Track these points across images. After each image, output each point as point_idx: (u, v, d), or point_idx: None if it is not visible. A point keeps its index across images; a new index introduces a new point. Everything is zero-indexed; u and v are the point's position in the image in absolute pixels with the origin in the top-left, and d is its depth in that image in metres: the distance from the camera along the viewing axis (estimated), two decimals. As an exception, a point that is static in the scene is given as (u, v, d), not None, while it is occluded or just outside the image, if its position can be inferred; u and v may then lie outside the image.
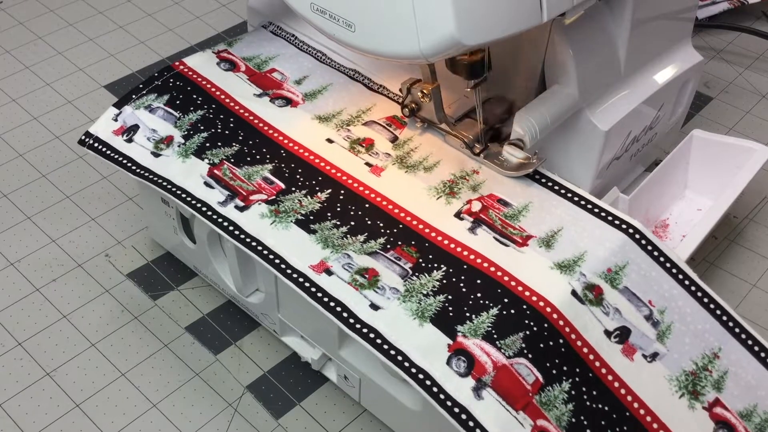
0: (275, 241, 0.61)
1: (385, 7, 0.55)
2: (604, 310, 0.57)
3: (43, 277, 0.76)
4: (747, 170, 0.74)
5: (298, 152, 0.67)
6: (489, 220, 0.62)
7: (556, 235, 0.61)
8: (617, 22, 0.66)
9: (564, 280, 0.58)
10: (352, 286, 0.57)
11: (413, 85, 0.68)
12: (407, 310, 0.56)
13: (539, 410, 0.52)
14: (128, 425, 0.66)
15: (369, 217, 0.62)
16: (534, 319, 0.55)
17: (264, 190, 0.64)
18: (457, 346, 0.54)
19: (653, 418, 0.54)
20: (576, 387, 0.54)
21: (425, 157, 0.67)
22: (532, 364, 0.54)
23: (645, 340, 0.57)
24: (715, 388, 0.57)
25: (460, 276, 0.58)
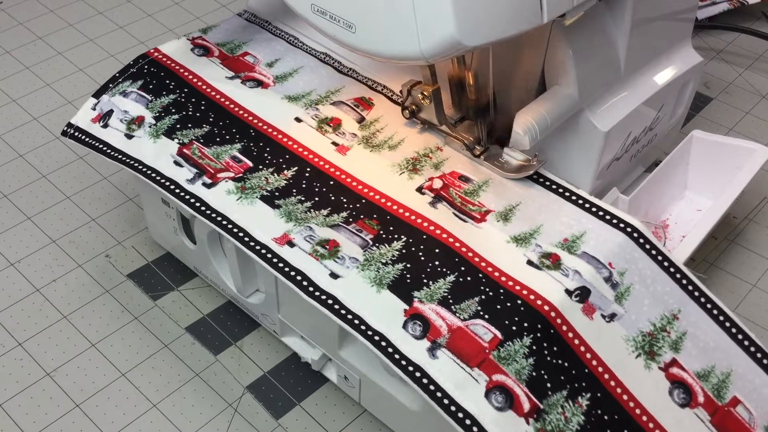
0: (240, 216, 0.62)
1: (386, 8, 0.55)
2: (564, 272, 0.59)
3: (43, 277, 0.76)
4: (747, 171, 0.74)
5: (267, 131, 0.69)
6: (449, 198, 0.64)
7: (514, 209, 0.63)
8: (617, 23, 0.66)
9: (520, 252, 0.60)
10: (312, 256, 0.59)
11: (413, 87, 0.68)
12: (365, 278, 0.58)
13: (496, 365, 0.53)
14: (128, 425, 0.66)
15: (333, 193, 0.64)
16: (489, 285, 0.57)
17: (232, 168, 0.66)
18: (413, 311, 0.56)
19: (611, 376, 0.56)
20: (537, 342, 0.55)
21: (390, 137, 0.69)
22: (489, 323, 0.55)
23: (604, 300, 0.58)
24: (673, 349, 0.58)
25: (419, 246, 0.60)
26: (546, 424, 0.52)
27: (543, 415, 0.53)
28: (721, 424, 0.56)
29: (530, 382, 0.53)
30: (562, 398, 0.54)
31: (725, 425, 0.56)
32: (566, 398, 0.54)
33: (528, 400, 0.53)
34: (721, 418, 0.56)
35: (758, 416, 0.58)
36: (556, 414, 0.53)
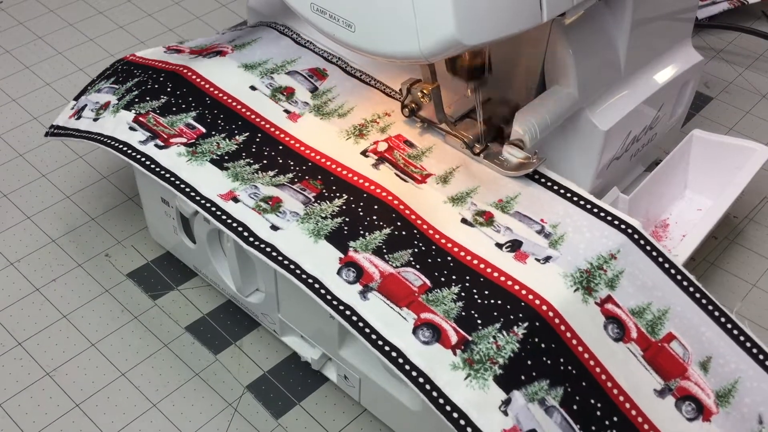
0: (189, 174, 0.65)
1: (385, 7, 0.55)
2: (495, 228, 0.61)
3: (43, 277, 0.76)
4: (747, 170, 0.74)
5: (222, 99, 0.71)
6: (393, 159, 0.67)
7: (454, 171, 0.66)
8: (617, 22, 0.66)
9: (455, 211, 0.63)
10: (255, 210, 0.62)
11: (413, 86, 0.68)
12: (304, 230, 0.61)
13: (424, 306, 0.56)
14: (128, 425, 0.66)
15: (281, 157, 0.67)
16: (423, 241, 0.60)
17: (185, 135, 0.69)
18: (347, 259, 0.59)
19: (549, 307, 0.57)
20: (465, 290, 0.57)
21: (341, 105, 0.71)
22: (420, 272, 0.58)
23: (537, 248, 0.60)
24: (609, 286, 0.59)
25: (359, 203, 0.63)
26: (474, 354, 0.54)
27: (471, 345, 0.55)
28: (653, 359, 0.57)
29: (459, 319, 0.56)
30: (495, 330, 0.55)
31: (658, 361, 0.57)
32: (499, 330, 0.55)
33: (456, 334, 0.55)
34: (654, 354, 0.58)
35: (693, 352, 0.58)
36: (486, 344, 0.55)
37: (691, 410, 0.57)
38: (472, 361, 0.54)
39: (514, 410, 0.53)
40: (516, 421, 0.53)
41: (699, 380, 0.58)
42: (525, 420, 0.53)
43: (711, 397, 0.57)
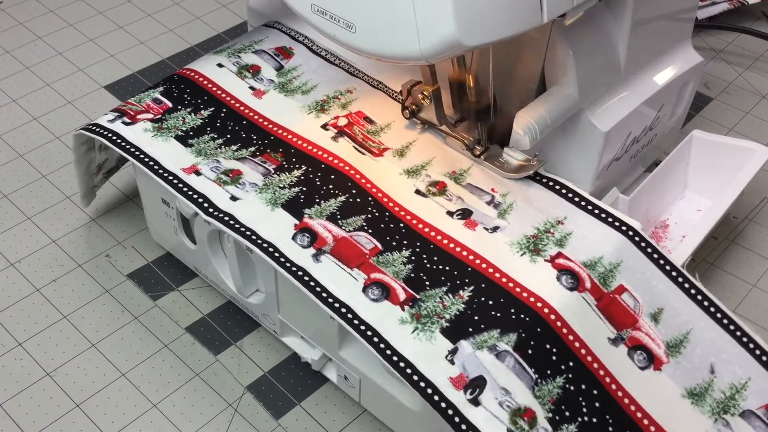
0: (153, 149, 0.68)
1: (386, 8, 0.55)
2: (447, 198, 0.64)
3: (43, 277, 0.76)
4: (747, 171, 0.74)
5: (188, 75, 0.74)
6: (352, 134, 0.69)
7: (410, 146, 0.69)
8: (617, 23, 0.66)
9: (410, 182, 0.65)
10: (216, 183, 0.65)
11: (414, 87, 0.68)
12: (262, 199, 0.64)
13: (375, 266, 0.59)
14: (128, 425, 0.66)
15: (244, 131, 0.70)
16: (377, 208, 0.63)
17: (152, 110, 0.71)
18: (302, 225, 0.62)
19: (495, 270, 0.59)
20: (416, 254, 0.60)
21: (305, 83, 0.74)
22: (372, 236, 0.61)
23: (486, 218, 0.63)
24: (558, 245, 0.61)
25: (316, 173, 0.66)
26: (421, 310, 0.57)
27: (419, 302, 0.57)
28: (606, 309, 0.59)
29: (408, 280, 0.58)
30: (442, 292, 0.58)
31: (610, 310, 0.59)
32: (446, 292, 0.58)
33: (404, 292, 0.58)
34: (607, 304, 0.59)
35: (644, 303, 0.60)
36: (433, 302, 0.57)
37: (643, 359, 0.58)
38: (420, 316, 0.57)
39: (461, 359, 0.55)
40: (462, 368, 0.54)
41: (650, 331, 0.59)
42: (472, 367, 0.54)
43: (661, 348, 0.59)
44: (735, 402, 0.58)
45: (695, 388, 0.58)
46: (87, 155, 0.74)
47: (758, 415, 0.58)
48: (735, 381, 0.59)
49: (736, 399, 0.58)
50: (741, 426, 0.58)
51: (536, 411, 0.54)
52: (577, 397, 0.55)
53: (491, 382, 0.54)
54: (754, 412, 0.59)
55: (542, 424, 0.53)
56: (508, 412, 0.53)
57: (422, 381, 0.54)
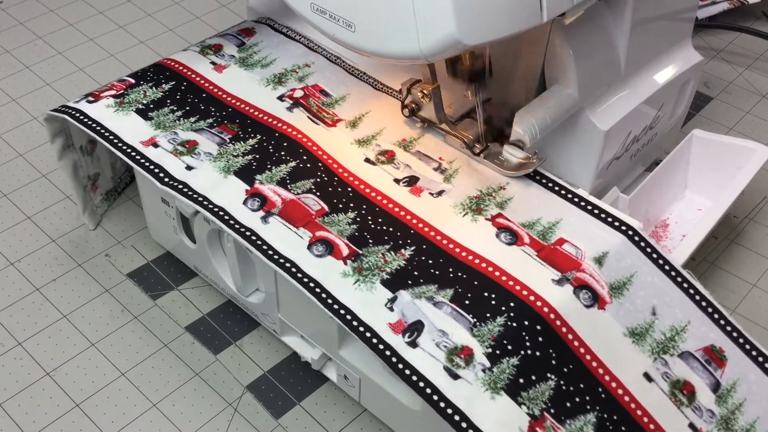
0: (114, 123, 0.70)
1: (385, 7, 0.55)
2: (395, 166, 0.67)
3: (43, 277, 0.76)
4: (747, 170, 0.74)
5: (161, 62, 0.77)
6: (307, 105, 0.72)
7: (363, 117, 0.71)
8: (617, 22, 0.66)
9: (360, 151, 0.68)
10: (173, 154, 0.67)
11: (413, 86, 0.68)
12: (215, 168, 0.66)
13: (320, 226, 0.62)
14: (128, 425, 0.66)
15: (203, 104, 0.72)
16: (326, 173, 0.66)
17: (115, 87, 0.73)
18: (253, 190, 0.64)
19: (436, 232, 0.62)
20: (361, 216, 0.63)
21: (264, 57, 0.77)
22: (319, 198, 0.64)
23: (432, 183, 0.66)
24: (499, 207, 0.64)
25: (270, 141, 0.68)
26: (363, 264, 0.59)
27: (361, 257, 0.60)
28: (548, 258, 0.61)
29: (351, 238, 0.61)
30: (384, 249, 0.60)
31: (552, 258, 0.61)
32: (388, 250, 0.60)
33: (347, 248, 0.60)
34: (548, 254, 0.61)
35: (585, 249, 0.61)
36: (375, 257, 0.60)
37: (588, 298, 0.59)
38: (361, 269, 0.59)
39: (400, 306, 0.57)
40: (401, 315, 0.57)
41: (593, 273, 0.60)
42: (410, 313, 0.57)
43: (605, 288, 0.60)
44: (674, 343, 0.60)
45: (636, 328, 0.59)
46: (68, 155, 0.75)
47: (696, 356, 0.60)
48: (675, 323, 0.61)
49: (675, 341, 0.60)
50: (679, 366, 0.59)
51: (474, 348, 0.55)
52: (519, 332, 0.56)
53: (429, 325, 0.56)
54: (693, 354, 0.60)
55: (480, 359, 0.55)
56: (445, 352, 0.55)
57: (361, 326, 0.56)
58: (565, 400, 0.55)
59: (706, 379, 0.59)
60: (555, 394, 0.55)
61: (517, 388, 0.54)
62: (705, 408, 0.58)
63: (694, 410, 0.58)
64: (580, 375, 0.56)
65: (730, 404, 0.59)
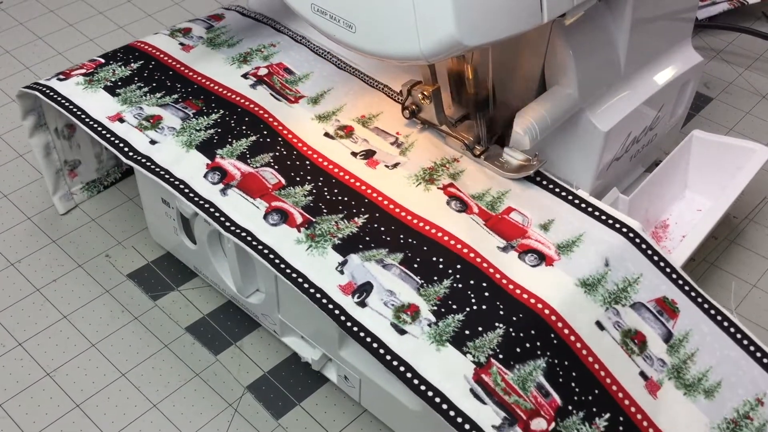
0: (83, 100, 0.72)
1: (386, 8, 0.55)
2: (353, 140, 0.69)
3: (43, 277, 0.76)
4: (747, 171, 0.74)
5: (131, 43, 0.79)
6: (271, 83, 0.74)
7: (325, 94, 0.73)
8: (617, 23, 0.66)
9: (320, 126, 0.70)
10: (137, 128, 0.69)
11: (414, 87, 0.68)
12: (178, 142, 0.68)
13: (276, 197, 0.64)
14: (128, 425, 0.66)
15: (169, 80, 0.74)
16: (286, 147, 0.68)
17: (85, 67, 0.75)
18: (214, 164, 0.66)
19: (389, 201, 0.64)
20: (317, 188, 0.65)
21: (231, 37, 0.79)
22: (277, 172, 0.66)
23: (388, 156, 0.68)
24: (451, 178, 0.66)
25: (233, 116, 0.70)
26: (316, 230, 0.62)
27: (314, 225, 0.62)
28: (495, 227, 0.63)
29: (306, 207, 0.63)
30: (338, 218, 0.63)
31: (499, 227, 0.63)
32: (342, 218, 0.63)
33: (301, 216, 0.63)
34: (495, 223, 0.63)
35: (533, 217, 0.64)
36: (328, 224, 0.62)
37: (534, 259, 0.61)
38: (314, 236, 0.61)
39: (350, 268, 0.59)
40: (351, 277, 0.59)
41: (539, 237, 0.62)
42: (359, 275, 0.59)
43: (552, 249, 0.62)
44: (627, 294, 0.60)
45: (588, 279, 0.60)
46: (40, 135, 0.76)
47: (648, 307, 0.61)
48: (628, 275, 0.61)
49: (628, 291, 0.61)
50: (631, 316, 0.60)
51: (420, 306, 0.57)
52: (465, 291, 0.58)
53: (377, 286, 0.58)
54: (645, 305, 0.61)
55: (425, 315, 0.57)
56: (392, 310, 0.57)
57: (312, 288, 0.59)
58: (514, 346, 0.56)
59: (658, 330, 0.60)
60: (503, 341, 0.56)
61: (462, 339, 0.56)
62: (656, 357, 0.59)
63: (645, 359, 0.58)
64: (531, 321, 0.57)
65: (682, 354, 0.60)
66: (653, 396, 0.57)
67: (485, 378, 0.54)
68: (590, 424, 0.55)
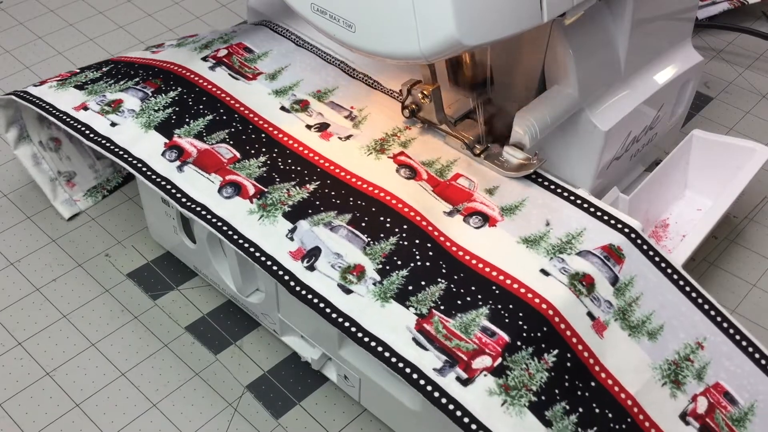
0: (52, 98, 0.74)
1: (386, 8, 0.55)
2: (309, 114, 0.72)
3: (43, 277, 0.76)
4: (747, 170, 0.74)
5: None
6: (230, 63, 0.76)
7: (282, 70, 0.76)
8: (617, 23, 0.66)
9: (277, 101, 0.73)
10: (100, 114, 0.71)
11: (413, 86, 0.68)
12: (138, 124, 0.70)
13: (230, 171, 0.66)
14: (128, 425, 0.66)
15: (133, 70, 0.76)
16: (242, 123, 0.70)
17: (61, 75, 0.78)
18: (171, 143, 0.69)
19: (341, 169, 0.67)
20: (271, 159, 0.67)
21: (199, 40, 0.81)
22: (233, 147, 0.68)
23: (342, 129, 0.70)
24: (402, 146, 0.69)
25: (191, 95, 0.72)
26: (267, 200, 0.64)
27: (266, 194, 0.64)
28: (442, 192, 0.65)
29: (259, 178, 0.66)
30: (290, 185, 0.65)
31: (446, 193, 0.65)
32: (293, 185, 0.65)
33: (254, 188, 0.65)
34: (443, 189, 0.66)
35: (479, 182, 0.66)
36: (279, 193, 0.64)
37: (478, 221, 0.63)
38: (266, 205, 0.64)
39: (299, 235, 0.62)
40: (301, 243, 0.61)
41: (484, 200, 0.65)
42: (309, 240, 0.61)
43: (495, 210, 0.64)
44: (571, 245, 0.62)
45: (530, 236, 0.62)
46: (25, 146, 0.78)
47: (595, 253, 0.61)
48: (571, 230, 0.63)
49: (572, 243, 0.62)
50: (577, 261, 0.61)
51: (366, 266, 0.60)
52: (410, 249, 0.61)
53: (325, 250, 0.61)
54: (591, 251, 0.61)
55: (371, 275, 0.59)
56: (339, 271, 0.60)
57: (263, 256, 0.61)
58: (455, 298, 0.58)
59: (605, 273, 0.61)
60: (445, 295, 0.58)
61: (406, 295, 0.58)
62: (603, 299, 0.60)
63: (592, 300, 0.59)
64: (472, 279, 0.59)
65: (628, 297, 0.61)
66: (600, 336, 0.58)
67: (427, 327, 0.56)
68: (539, 359, 0.56)
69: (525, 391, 0.54)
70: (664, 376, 0.59)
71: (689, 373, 0.59)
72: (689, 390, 0.59)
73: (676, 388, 0.59)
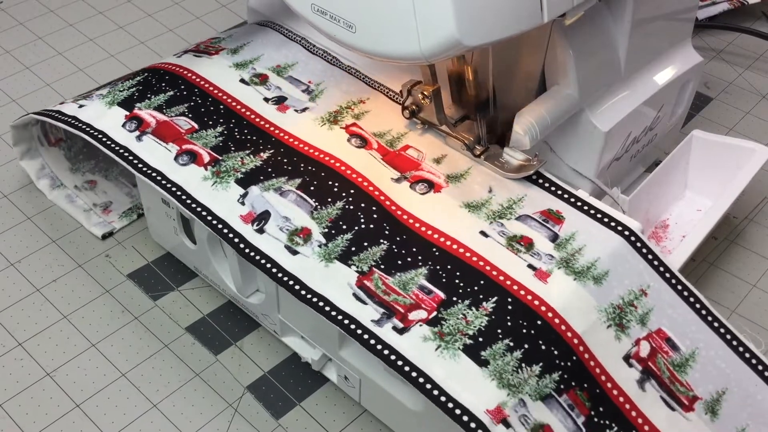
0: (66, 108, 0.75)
1: (386, 8, 0.55)
2: (267, 87, 0.74)
3: (43, 277, 0.76)
4: (747, 171, 0.74)
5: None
6: (196, 48, 0.79)
7: (244, 46, 0.78)
8: (617, 23, 0.66)
9: (237, 74, 0.75)
10: (72, 102, 0.74)
11: (414, 87, 0.68)
12: (102, 102, 0.73)
13: (187, 140, 0.69)
14: (128, 425, 0.66)
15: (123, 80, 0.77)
16: (202, 96, 0.73)
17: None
18: (132, 115, 0.72)
19: (294, 139, 0.69)
20: (228, 129, 0.70)
21: None
22: (191, 119, 0.71)
23: (298, 102, 0.73)
24: (355, 118, 0.72)
25: (155, 76, 0.75)
26: (221, 168, 0.67)
27: (220, 162, 0.67)
28: (392, 162, 0.68)
29: (215, 147, 0.68)
30: (244, 154, 0.68)
31: (395, 162, 0.68)
32: (247, 154, 0.68)
33: (209, 156, 0.68)
34: (392, 158, 0.69)
35: (427, 153, 0.69)
36: (233, 161, 0.67)
37: (424, 188, 0.66)
38: (219, 172, 0.67)
39: (250, 199, 0.65)
40: (251, 207, 0.64)
41: (431, 169, 0.68)
42: (259, 205, 0.64)
43: (441, 178, 0.67)
44: (512, 210, 0.65)
45: (472, 202, 0.65)
46: (58, 192, 0.81)
47: (533, 217, 0.64)
48: (512, 197, 0.66)
49: (513, 208, 0.65)
50: (516, 226, 0.63)
51: (312, 229, 0.63)
52: (356, 213, 0.64)
53: (274, 213, 0.64)
54: (530, 216, 0.64)
55: (317, 238, 0.62)
56: (286, 234, 0.63)
57: (214, 219, 0.64)
58: (396, 258, 0.61)
59: (544, 233, 0.63)
60: (386, 255, 0.61)
61: (349, 255, 0.61)
62: (544, 253, 0.62)
63: (532, 255, 0.61)
64: (413, 241, 0.62)
65: (570, 249, 0.62)
66: (543, 281, 0.60)
67: (367, 283, 0.59)
68: (477, 307, 0.58)
69: (459, 336, 0.56)
70: (609, 318, 0.60)
71: (633, 318, 0.61)
72: (633, 334, 0.60)
73: (621, 331, 0.60)
